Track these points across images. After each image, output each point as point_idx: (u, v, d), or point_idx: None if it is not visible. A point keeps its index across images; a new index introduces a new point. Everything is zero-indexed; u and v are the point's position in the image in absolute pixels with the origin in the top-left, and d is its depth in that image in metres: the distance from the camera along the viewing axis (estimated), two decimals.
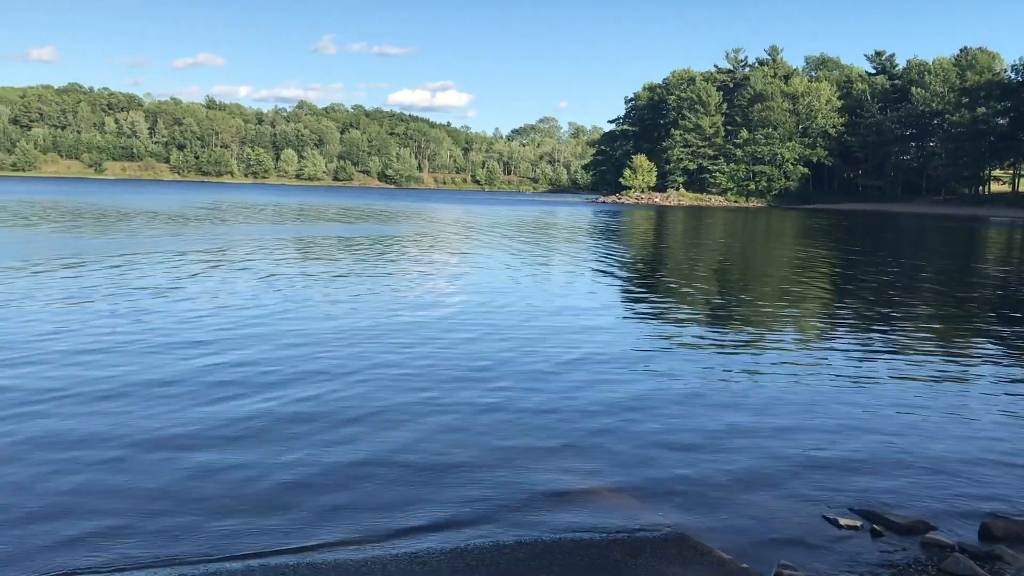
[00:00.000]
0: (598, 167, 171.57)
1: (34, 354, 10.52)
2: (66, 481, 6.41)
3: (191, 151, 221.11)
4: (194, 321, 13.26)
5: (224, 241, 30.28)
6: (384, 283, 19.09)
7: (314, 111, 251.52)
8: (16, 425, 7.69)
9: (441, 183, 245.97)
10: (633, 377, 10.35)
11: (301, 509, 6.10)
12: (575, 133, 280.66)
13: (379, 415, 8.39)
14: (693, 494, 6.59)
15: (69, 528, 5.64)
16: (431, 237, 36.94)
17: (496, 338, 12.60)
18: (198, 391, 9.03)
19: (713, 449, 7.68)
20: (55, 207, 52.84)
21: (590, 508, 6.28)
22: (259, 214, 53.59)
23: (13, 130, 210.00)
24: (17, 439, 7.32)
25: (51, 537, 5.49)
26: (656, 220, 68.64)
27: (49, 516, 5.81)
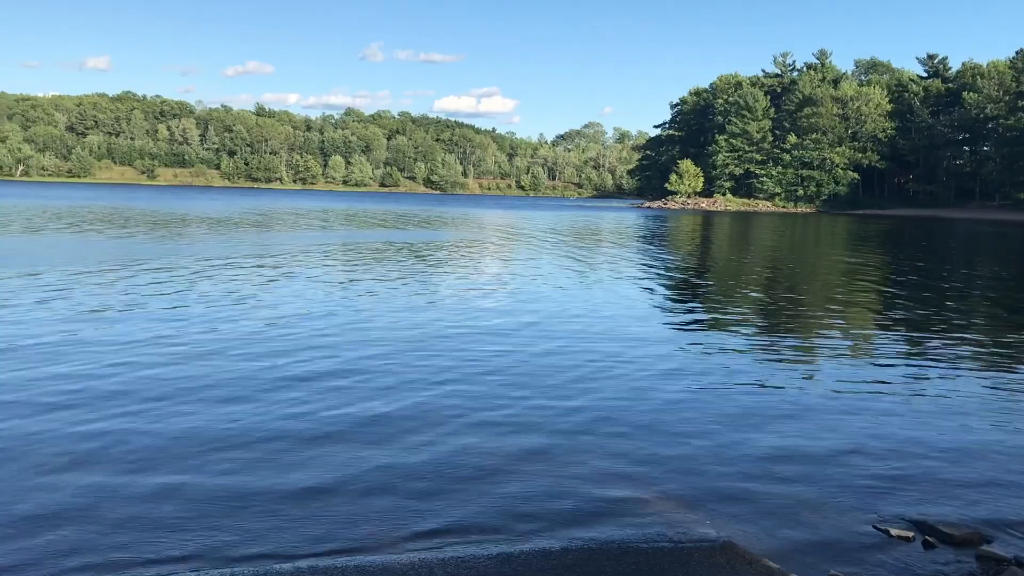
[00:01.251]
0: (643, 172, 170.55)
1: (158, 352, 10.85)
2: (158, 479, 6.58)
3: (241, 157, 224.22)
4: (271, 327, 13.50)
5: (286, 247, 30.69)
6: (435, 290, 19.21)
7: (361, 118, 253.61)
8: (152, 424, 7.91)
9: (486, 189, 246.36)
10: (681, 385, 10.30)
11: (348, 511, 6.18)
12: (620, 138, 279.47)
13: (421, 418, 8.46)
14: (741, 503, 6.54)
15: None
16: (479, 243, 37.05)
17: (545, 343, 12.62)
18: (276, 392, 9.27)
19: (761, 458, 7.62)
20: (118, 213, 53.93)
21: (638, 515, 6.26)
22: (311, 220, 54.17)
23: (69, 137, 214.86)
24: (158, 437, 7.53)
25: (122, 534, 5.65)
26: (703, 226, 68.06)
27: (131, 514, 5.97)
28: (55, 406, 8.56)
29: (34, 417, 8.18)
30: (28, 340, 11.73)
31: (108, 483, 6.55)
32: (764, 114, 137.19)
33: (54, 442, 7.47)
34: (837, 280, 25.34)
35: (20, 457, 7.06)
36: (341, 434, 7.92)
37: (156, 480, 6.63)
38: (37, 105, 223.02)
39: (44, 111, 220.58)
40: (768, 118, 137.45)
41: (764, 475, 7.16)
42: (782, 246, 44.00)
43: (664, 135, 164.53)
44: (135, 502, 6.20)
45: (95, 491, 6.40)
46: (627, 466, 7.28)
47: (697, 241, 46.77)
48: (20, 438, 7.54)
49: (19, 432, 7.71)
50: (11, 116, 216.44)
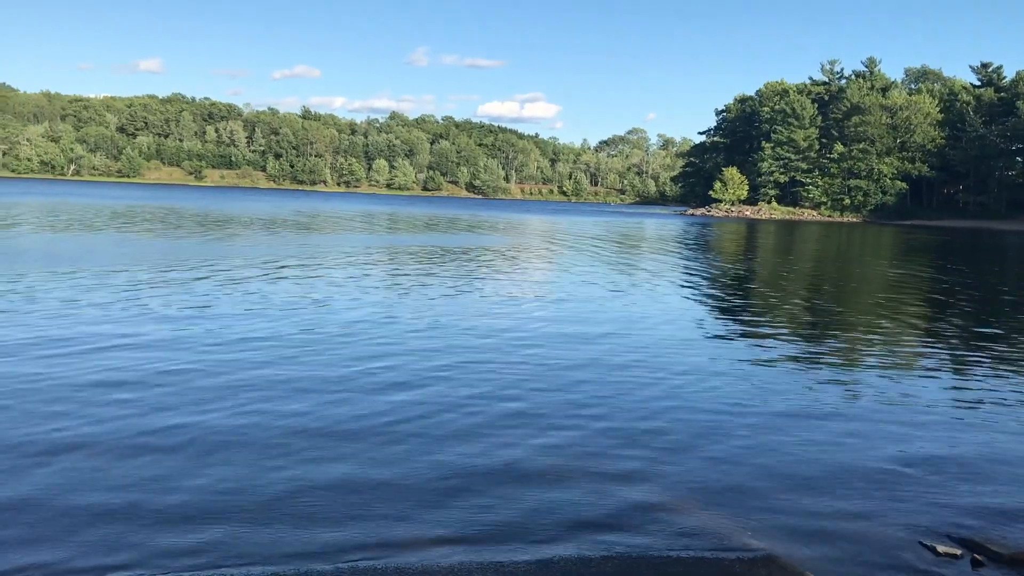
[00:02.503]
0: (687, 179, 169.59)
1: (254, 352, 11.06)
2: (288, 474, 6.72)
3: (287, 160, 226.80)
4: (345, 331, 13.66)
5: (341, 250, 31.00)
6: (487, 297, 19.24)
7: (405, 122, 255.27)
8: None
9: (528, 194, 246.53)
10: (723, 396, 10.23)
11: (390, 511, 6.23)
12: (664, 144, 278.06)
13: (461, 421, 8.51)
14: (784, 515, 6.49)
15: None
16: (524, 248, 37.08)
17: (588, 349, 12.59)
18: (353, 391, 9.36)
19: (805, 470, 7.54)
20: (173, 213, 54.86)
21: (678, 525, 6.22)
22: (358, 223, 54.64)
23: (120, 138, 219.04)
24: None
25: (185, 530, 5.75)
26: (747, 234, 67.49)
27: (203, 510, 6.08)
28: (168, 406, 8.73)
29: (181, 408, 8.43)
30: (126, 339, 11.94)
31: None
32: (811, 122, 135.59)
33: (191, 435, 7.69)
34: (884, 291, 24.97)
35: (166, 453, 7.25)
36: (393, 436, 8.01)
37: (199, 481, 6.74)
38: (89, 106, 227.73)
39: (96, 112, 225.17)
40: (815, 126, 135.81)
41: (808, 488, 7.09)
42: (827, 256, 43.47)
43: (709, 142, 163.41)
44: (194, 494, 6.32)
45: (218, 490, 6.55)
46: (669, 475, 7.25)
47: (742, 249, 46.37)
48: (162, 434, 7.74)
49: (160, 428, 7.92)
50: (64, 117, 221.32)
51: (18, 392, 8.84)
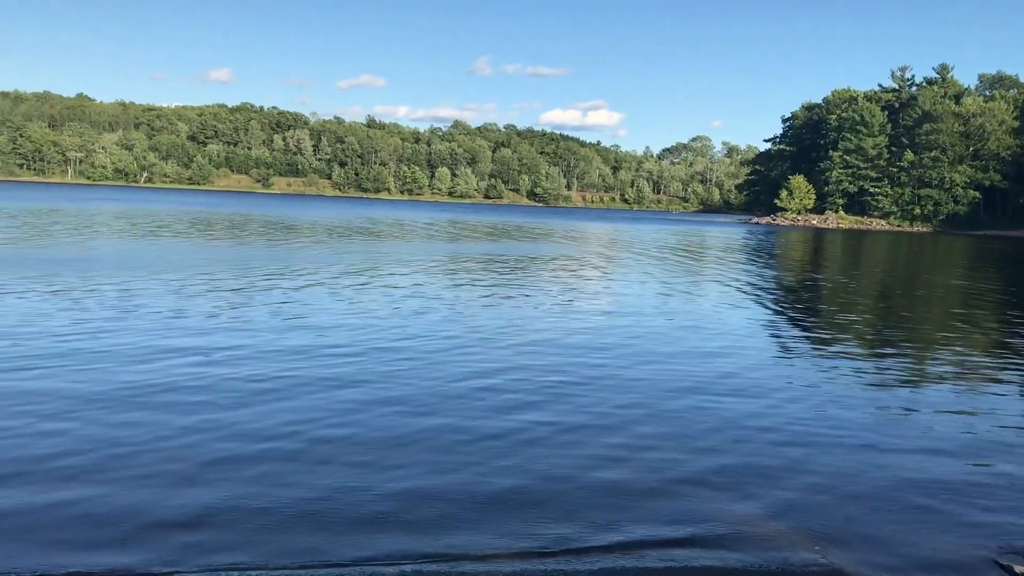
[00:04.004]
0: (752, 187, 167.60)
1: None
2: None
3: (352, 168, 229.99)
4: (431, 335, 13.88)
5: (418, 258, 31.40)
6: (540, 303, 19.32)
7: (468, 130, 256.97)
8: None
9: (589, 202, 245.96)
10: (790, 407, 10.11)
11: (456, 516, 6.31)
12: (729, 152, 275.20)
13: (530, 431, 8.54)
14: (853, 528, 6.39)
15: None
16: (583, 257, 37.07)
17: (648, 362, 12.53)
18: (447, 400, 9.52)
19: (877, 483, 7.43)
20: (251, 220, 56.15)
21: (742, 540, 6.16)
22: (428, 231, 55.21)
23: (190, 146, 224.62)
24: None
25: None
26: (814, 243, 66.40)
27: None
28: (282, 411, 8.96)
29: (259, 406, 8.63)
30: (224, 350, 12.25)
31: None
32: (880, 130, 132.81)
33: (283, 442, 7.84)
34: (956, 304, 24.34)
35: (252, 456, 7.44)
36: (464, 441, 8.09)
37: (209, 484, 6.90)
38: (162, 115, 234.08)
39: (168, 121, 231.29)
40: (884, 134, 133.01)
41: (879, 501, 6.98)
42: (898, 266, 42.54)
43: (774, 150, 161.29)
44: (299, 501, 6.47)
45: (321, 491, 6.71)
46: (731, 490, 7.18)
47: (811, 259, 45.66)
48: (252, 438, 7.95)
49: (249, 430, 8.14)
50: (138, 125, 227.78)
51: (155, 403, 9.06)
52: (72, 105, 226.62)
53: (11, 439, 7.56)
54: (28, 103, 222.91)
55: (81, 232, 36.96)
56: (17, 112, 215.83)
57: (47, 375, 9.90)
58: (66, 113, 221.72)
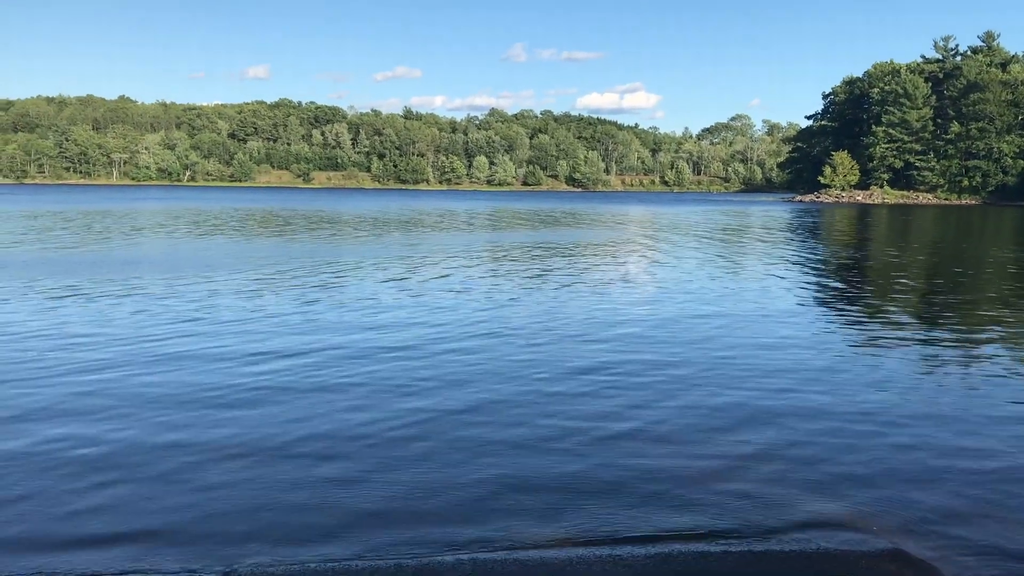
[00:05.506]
0: (794, 165, 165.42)
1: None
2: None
3: (390, 160, 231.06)
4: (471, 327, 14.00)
5: (461, 248, 31.56)
6: (583, 290, 19.30)
7: (505, 118, 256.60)
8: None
9: (629, 185, 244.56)
10: (849, 387, 10.00)
11: (512, 503, 6.36)
12: (769, 130, 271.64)
13: (584, 416, 8.55)
14: (914, 511, 6.31)
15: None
16: (623, 241, 36.92)
17: (701, 345, 12.46)
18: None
19: (940, 464, 7.33)
20: (299, 216, 56.81)
21: (801, 519, 6.13)
22: (473, 221, 55.37)
23: (231, 143, 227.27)
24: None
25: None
26: (859, 220, 65.40)
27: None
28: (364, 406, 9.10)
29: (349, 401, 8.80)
30: (289, 349, 12.42)
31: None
32: (924, 102, 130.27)
33: (364, 439, 7.91)
34: (1008, 279, 23.84)
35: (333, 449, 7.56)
36: (521, 437, 8.09)
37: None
38: (202, 114, 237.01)
39: (208, 119, 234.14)
40: (929, 106, 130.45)
41: (938, 483, 6.87)
42: (948, 240, 41.76)
43: (816, 126, 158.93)
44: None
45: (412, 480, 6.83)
46: (789, 469, 7.13)
47: (856, 236, 44.99)
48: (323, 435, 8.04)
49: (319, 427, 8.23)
50: (179, 125, 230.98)
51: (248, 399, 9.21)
52: (115, 107, 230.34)
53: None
54: (72, 107, 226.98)
55: (141, 233, 37.67)
56: (62, 116, 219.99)
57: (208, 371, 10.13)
58: (109, 115, 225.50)
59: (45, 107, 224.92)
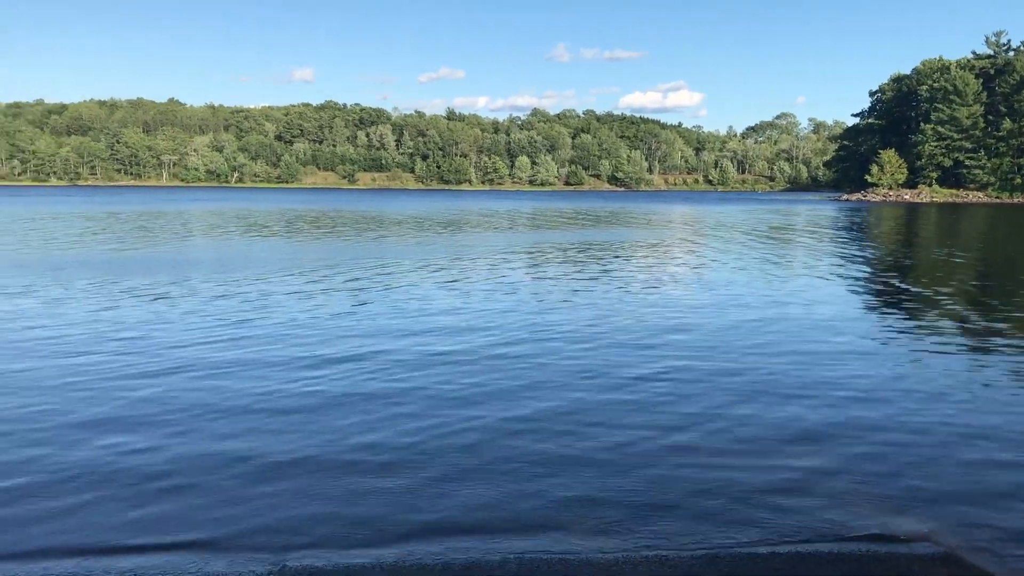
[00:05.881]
0: (840, 163, 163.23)
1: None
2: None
3: (433, 161, 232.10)
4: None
5: (512, 247, 31.78)
6: (631, 292, 19.30)
7: (547, 118, 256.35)
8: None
9: (672, 184, 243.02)
10: (909, 399, 9.84)
11: (557, 503, 6.45)
12: (815, 128, 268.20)
13: (639, 426, 8.63)
14: (969, 514, 6.27)
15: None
16: (669, 241, 36.81)
17: (755, 352, 12.38)
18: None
19: (993, 470, 7.27)
20: (351, 215, 57.42)
21: (851, 520, 6.13)
22: (516, 220, 55.51)
23: (278, 145, 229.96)
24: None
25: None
26: (908, 219, 64.37)
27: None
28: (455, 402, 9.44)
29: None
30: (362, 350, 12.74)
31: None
32: (975, 99, 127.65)
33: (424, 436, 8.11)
34: None
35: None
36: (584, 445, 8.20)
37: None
38: (250, 116, 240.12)
39: (256, 122, 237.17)
40: (980, 103, 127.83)
41: (994, 490, 6.80)
42: (999, 239, 40.99)
43: (863, 124, 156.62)
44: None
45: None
46: (850, 485, 6.99)
47: (905, 235, 44.34)
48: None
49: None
50: (227, 127, 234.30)
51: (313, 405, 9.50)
52: (164, 110, 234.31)
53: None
54: (123, 110, 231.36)
55: (194, 234, 38.43)
56: (113, 119, 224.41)
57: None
58: (159, 118, 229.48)
59: (97, 110, 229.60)
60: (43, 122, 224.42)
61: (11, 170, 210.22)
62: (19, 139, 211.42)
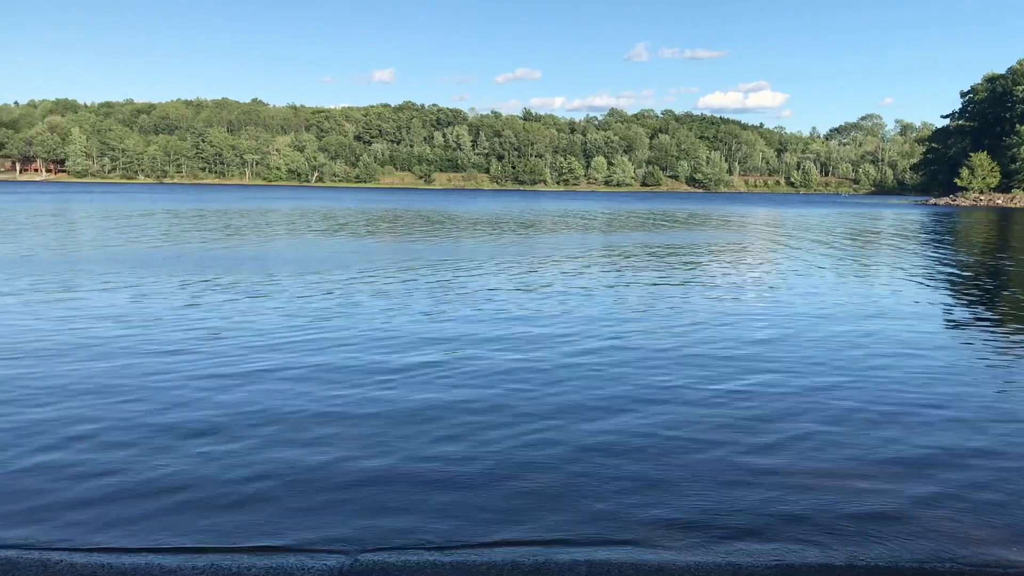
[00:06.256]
0: (928, 166, 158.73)
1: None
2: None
3: (508, 161, 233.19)
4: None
5: (588, 248, 31.64)
6: (710, 297, 18.99)
7: (624, 118, 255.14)
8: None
9: (752, 186, 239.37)
10: (1003, 415, 9.44)
11: (638, 503, 6.36)
12: (902, 130, 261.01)
13: (732, 443, 8.40)
14: None
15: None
16: (749, 246, 36.11)
17: (850, 372, 11.86)
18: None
19: None
20: (436, 216, 58.16)
21: (937, 537, 5.88)
22: (594, 221, 55.36)
23: (357, 146, 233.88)
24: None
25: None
26: (1002, 225, 61.95)
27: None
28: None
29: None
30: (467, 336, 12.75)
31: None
32: None
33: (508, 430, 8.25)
34: None
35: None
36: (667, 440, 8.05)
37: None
38: (330, 116, 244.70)
39: (336, 122, 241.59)
40: None
41: None
42: None
43: (953, 126, 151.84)
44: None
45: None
46: (943, 495, 6.75)
47: (1000, 243, 42.62)
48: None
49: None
50: (308, 127, 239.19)
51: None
52: (247, 110, 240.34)
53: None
54: (208, 110, 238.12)
55: (279, 230, 39.23)
56: (199, 119, 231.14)
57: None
58: (243, 118, 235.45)
59: (184, 110, 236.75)
60: (132, 121, 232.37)
61: (102, 167, 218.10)
62: (110, 138, 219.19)
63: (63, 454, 7.39)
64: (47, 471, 7.00)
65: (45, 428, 8.12)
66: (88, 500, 6.43)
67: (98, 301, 16.15)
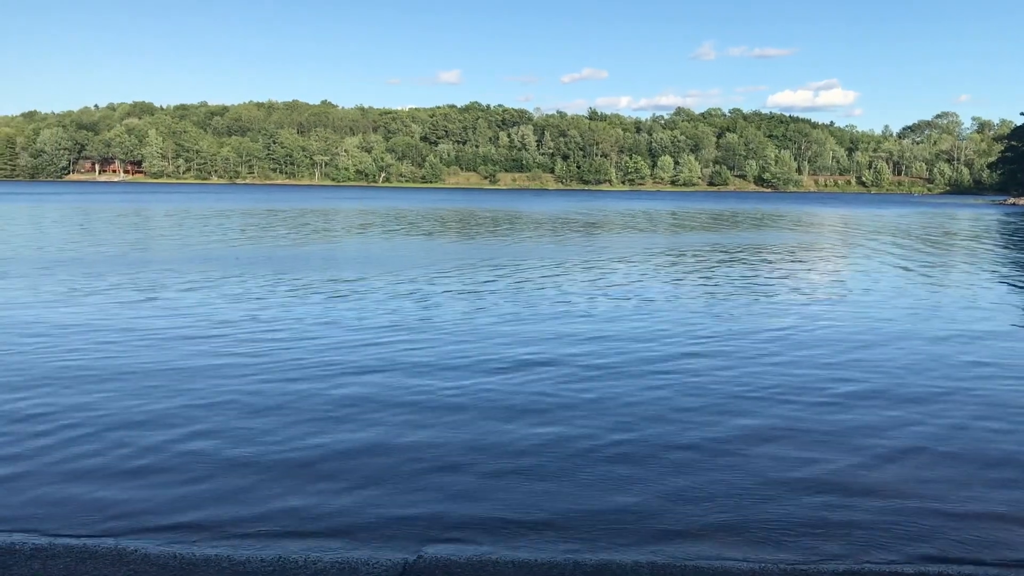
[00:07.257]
0: (1007, 165, 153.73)
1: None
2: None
3: (573, 161, 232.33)
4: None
5: (669, 247, 31.56)
6: (777, 302, 18.81)
7: (691, 117, 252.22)
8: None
9: (822, 186, 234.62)
10: None
11: (696, 511, 6.38)
12: (979, 128, 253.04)
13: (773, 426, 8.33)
14: None
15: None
16: (821, 247, 35.54)
17: (940, 371, 11.66)
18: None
19: None
20: (503, 216, 58.55)
21: (1001, 541, 5.83)
22: (660, 222, 55.05)
23: (423, 146, 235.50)
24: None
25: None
26: None
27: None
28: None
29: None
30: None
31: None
32: None
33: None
34: None
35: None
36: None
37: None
38: (397, 118, 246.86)
39: (403, 123, 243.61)
40: None
41: None
42: None
43: None
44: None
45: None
46: (986, 492, 6.71)
47: None
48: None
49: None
50: (376, 128, 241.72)
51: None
52: (317, 112, 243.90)
53: None
54: (279, 112, 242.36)
55: (353, 231, 39.87)
56: (270, 120, 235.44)
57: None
58: (312, 119, 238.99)
59: (255, 112, 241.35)
60: (206, 123, 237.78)
61: (177, 168, 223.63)
62: (184, 139, 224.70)
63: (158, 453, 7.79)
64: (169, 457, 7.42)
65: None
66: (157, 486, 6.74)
67: (235, 297, 16.94)
